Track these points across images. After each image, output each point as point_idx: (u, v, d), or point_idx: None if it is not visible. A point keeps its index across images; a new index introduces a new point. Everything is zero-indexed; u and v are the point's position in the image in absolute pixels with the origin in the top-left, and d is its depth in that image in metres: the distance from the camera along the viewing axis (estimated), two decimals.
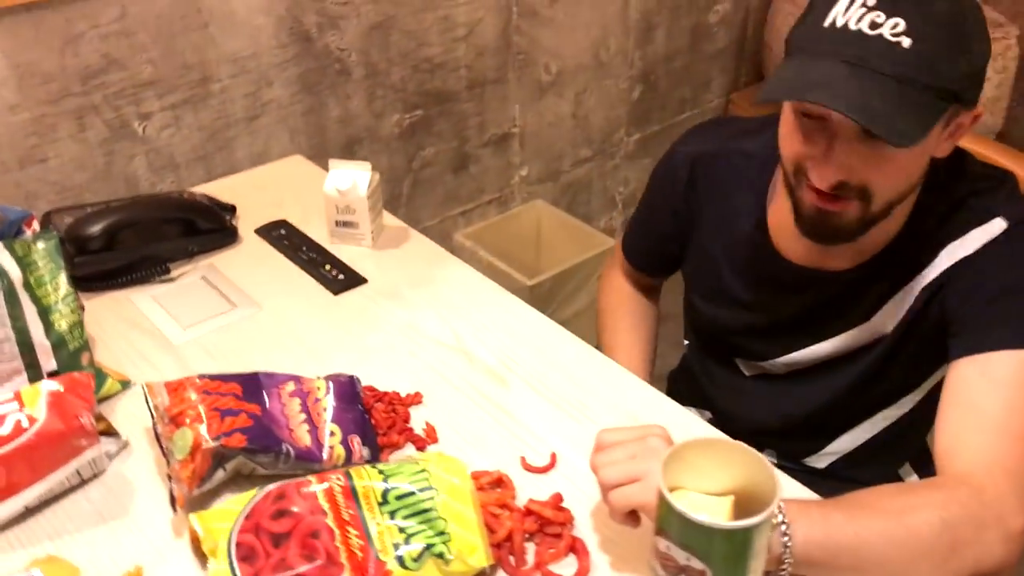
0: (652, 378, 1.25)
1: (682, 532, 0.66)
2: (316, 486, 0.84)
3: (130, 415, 1.03)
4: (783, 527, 0.74)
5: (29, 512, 0.90)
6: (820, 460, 1.18)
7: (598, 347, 1.25)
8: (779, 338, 1.11)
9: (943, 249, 0.96)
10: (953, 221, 0.96)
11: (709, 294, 1.17)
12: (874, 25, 0.82)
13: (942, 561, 0.81)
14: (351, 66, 1.85)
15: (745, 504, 0.71)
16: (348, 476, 0.85)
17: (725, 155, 1.11)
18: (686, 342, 1.31)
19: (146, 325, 1.18)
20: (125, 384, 1.07)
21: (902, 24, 0.81)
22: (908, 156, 0.87)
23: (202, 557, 0.84)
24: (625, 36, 2.31)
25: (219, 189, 1.44)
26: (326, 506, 0.82)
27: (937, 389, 1.04)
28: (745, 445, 0.71)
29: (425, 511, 0.82)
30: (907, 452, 1.21)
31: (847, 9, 0.84)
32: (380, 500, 0.83)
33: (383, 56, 1.89)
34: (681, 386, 1.31)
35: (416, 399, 1.06)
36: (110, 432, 0.98)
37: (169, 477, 0.89)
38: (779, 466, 1.12)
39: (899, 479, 1.21)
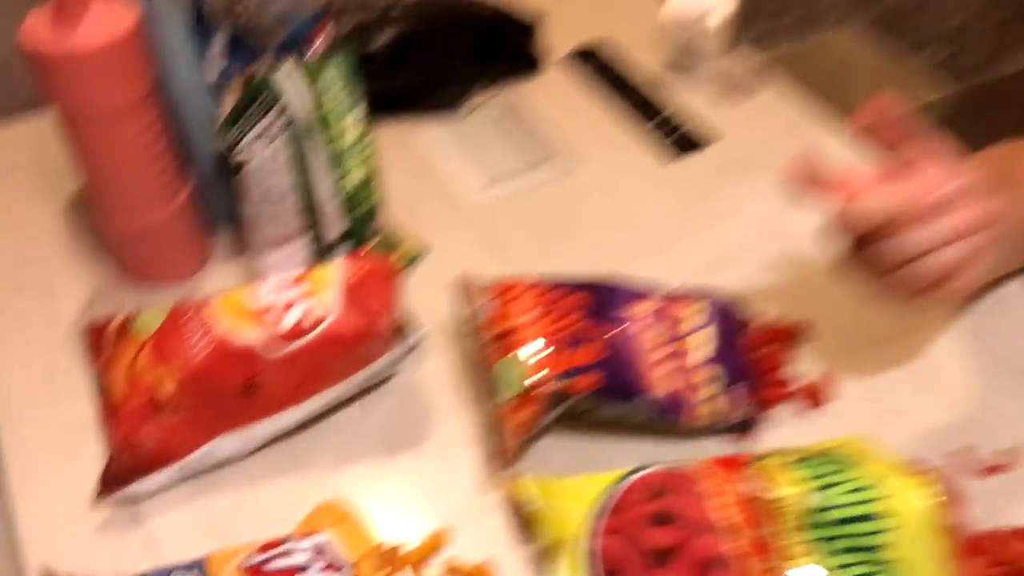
0: None
1: None
2: (713, 485, 0.58)
3: (420, 298, 0.77)
4: None
5: (296, 431, 0.70)
6: None
7: None
8: None
9: None
10: None
11: None
12: None
13: None
14: None
15: None
16: (759, 475, 0.58)
17: None
18: None
19: (434, 175, 0.93)
20: (418, 255, 0.83)
21: None
22: None
23: (526, 530, 0.62)
24: None
25: None
26: (735, 520, 0.56)
27: None
28: None
29: (870, 549, 0.56)
30: None
31: None
32: (808, 523, 0.56)
33: None
34: None
35: (799, 329, 0.77)
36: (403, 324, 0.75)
37: (500, 421, 0.66)
38: None
39: None
